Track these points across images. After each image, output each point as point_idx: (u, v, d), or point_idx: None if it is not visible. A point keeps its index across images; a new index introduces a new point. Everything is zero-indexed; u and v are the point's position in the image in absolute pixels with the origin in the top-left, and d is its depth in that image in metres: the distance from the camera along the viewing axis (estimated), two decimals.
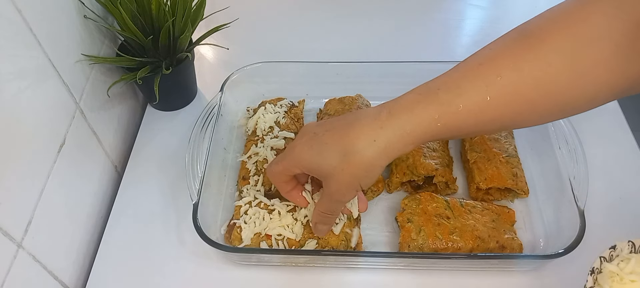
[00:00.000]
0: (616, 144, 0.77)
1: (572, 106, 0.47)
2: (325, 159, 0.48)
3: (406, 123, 0.46)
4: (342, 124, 0.49)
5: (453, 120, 0.46)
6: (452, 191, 0.71)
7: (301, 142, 0.51)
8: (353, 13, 1.02)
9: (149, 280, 0.65)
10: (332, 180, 0.50)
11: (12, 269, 0.52)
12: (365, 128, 0.47)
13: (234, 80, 0.79)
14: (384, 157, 0.47)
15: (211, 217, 0.67)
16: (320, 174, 0.51)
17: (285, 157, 0.53)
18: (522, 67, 0.45)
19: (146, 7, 0.70)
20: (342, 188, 0.50)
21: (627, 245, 0.49)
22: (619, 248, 0.49)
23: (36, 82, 0.58)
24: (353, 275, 0.65)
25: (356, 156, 0.47)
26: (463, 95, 0.45)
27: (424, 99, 0.46)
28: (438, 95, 0.46)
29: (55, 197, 0.61)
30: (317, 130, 0.50)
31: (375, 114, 0.48)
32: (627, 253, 0.49)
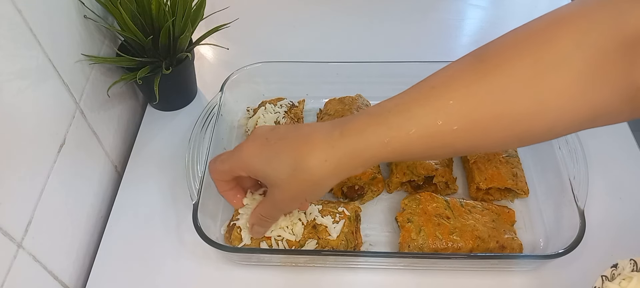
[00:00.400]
0: (616, 144, 0.77)
1: (529, 134, 0.44)
2: (274, 169, 0.48)
3: (356, 144, 0.46)
4: (295, 136, 0.49)
5: (403, 144, 0.45)
6: (452, 191, 0.71)
7: (252, 145, 0.50)
8: (353, 13, 1.02)
9: (149, 280, 0.65)
10: (277, 190, 0.50)
11: (12, 269, 0.52)
12: (317, 146, 0.47)
13: (234, 80, 0.79)
14: (332, 176, 0.48)
15: (211, 217, 0.67)
16: (266, 181, 0.51)
17: (232, 158, 0.52)
18: (476, 93, 0.43)
19: (146, 7, 0.70)
20: (286, 199, 0.51)
21: (629, 264, 0.48)
22: (620, 267, 0.48)
23: (36, 82, 0.58)
24: (353, 275, 0.65)
25: (306, 173, 0.47)
26: (413, 119, 0.44)
27: (375, 121, 0.46)
28: (388, 118, 0.45)
29: (55, 197, 0.61)
30: (269, 136, 0.50)
31: (328, 132, 0.47)
32: (629, 271, 0.48)
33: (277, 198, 0.51)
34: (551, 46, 0.41)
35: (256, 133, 0.51)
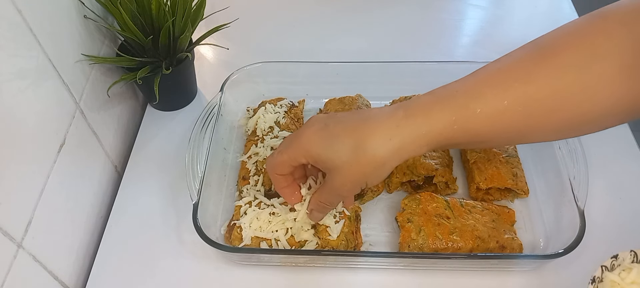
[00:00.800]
0: (616, 144, 0.77)
1: (579, 122, 0.47)
2: (336, 152, 0.47)
3: (422, 124, 0.46)
4: (355, 118, 0.48)
5: (470, 124, 0.45)
6: (452, 191, 0.71)
7: (310, 131, 0.49)
8: (353, 13, 1.02)
9: (149, 280, 0.65)
10: (338, 174, 0.49)
11: (12, 269, 0.52)
12: (381, 126, 0.46)
13: (234, 80, 0.79)
14: (396, 157, 0.47)
15: (211, 217, 0.67)
16: (327, 166, 0.49)
17: (291, 146, 0.51)
18: (536, 78, 0.45)
19: (146, 7, 0.70)
20: (347, 183, 0.49)
21: (630, 255, 0.49)
22: (621, 258, 0.49)
23: (36, 82, 0.58)
24: (353, 275, 0.65)
25: (368, 153, 0.46)
26: (481, 98, 0.45)
27: (441, 100, 0.46)
28: (456, 98, 0.46)
29: (55, 197, 0.61)
30: (327, 121, 0.49)
31: (391, 112, 0.47)
32: (629, 262, 0.49)
33: (337, 183, 0.50)
34: (596, 39, 0.45)
35: (313, 119, 0.50)
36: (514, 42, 0.52)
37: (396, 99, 0.79)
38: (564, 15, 0.99)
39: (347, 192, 0.52)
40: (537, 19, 1.00)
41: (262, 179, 0.69)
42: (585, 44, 0.45)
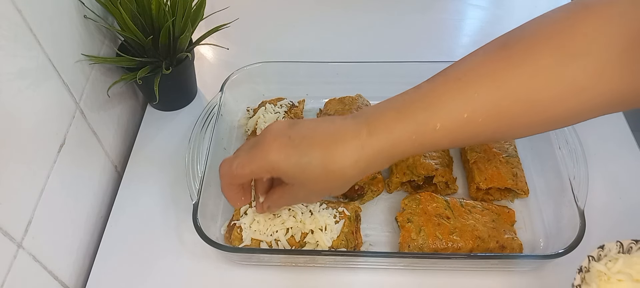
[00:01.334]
0: (616, 144, 0.77)
1: (554, 121, 0.46)
2: (304, 169, 0.47)
3: (385, 143, 0.46)
4: (321, 135, 0.47)
5: (429, 139, 0.45)
6: (452, 191, 0.71)
7: (276, 145, 0.48)
8: (353, 13, 1.02)
9: (149, 280, 0.65)
10: (304, 188, 0.50)
11: (12, 269, 0.52)
12: (347, 147, 0.46)
13: (234, 80, 0.79)
14: (361, 173, 0.48)
15: (211, 217, 0.67)
16: (293, 181, 0.50)
17: (254, 159, 0.49)
18: (503, 83, 0.43)
19: (146, 7, 0.70)
20: (312, 196, 0.52)
21: (616, 246, 0.49)
22: (607, 248, 0.50)
23: (36, 82, 0.58)
24: (353, 275, 0.65)
25: (337, 173, 0.47)
26: (439, 113, 0.45)
27: (402, 117, 0.46)
28: (415, 114, 0.46)
29: (55, 197, 0.61)
30: (291, 134, 0.48)
31: (355, 131, 0.47)
32: (615, 253, 0.50)
33: (302, 195, 0.51)
34: (574, 35, 0.42)
35: (275, 131, 0.49)
36: None
37: None
38: None
39: (309, 201, 0.54)
40: None
41: None
42: (561, 41, 0.42)
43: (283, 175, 0.49)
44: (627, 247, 0.49)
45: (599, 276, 0.48)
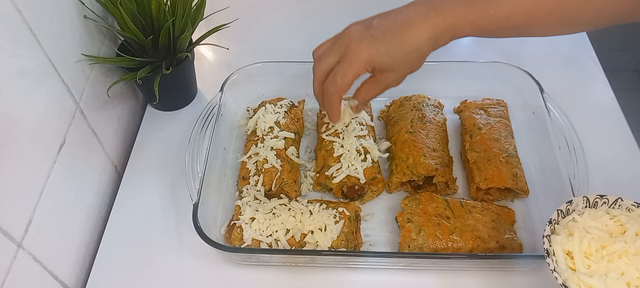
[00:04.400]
0: (616, 144, 0.77)
1: (578, 19, 0.55)
2: (392, 58, 0.57)
3: (449, 23, 0.55)
4: (395, 25, 0.57)
5: (485, 23, 0.55)
6: (452, 191, 0.71)
7: (364, 44, 0.57)
8: (353, 12, 1.01)
9: (149, 280, 0.65)
10: (392, 72, 0.58)
11: (12, 269, 0.52)
12: (421, 28, 0.56)
13: (234, 80, 0.79)
14: (432, 49, 0.57)
15: (211, 217, 0.67)
16: (382, 69, 0.58)
17: (352, 63, 0.58)
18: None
19: (146, 7, 0.70)
20: (399, 78, 0.60)
21: (582, 201, 0.55)
22: (575, 203, 0.55)
23: (36, 82, 0.58)
24: (353, 275, 0.65)
25: (416, 53, 0.57)
26: (496, 5, 0.54)
27: (464, 3, 0.55)
28: (477, 3, 0.55)
29: (55, 197, 0.61)
30: (371, 33, 0.58)
31: (424, 15, 0.56)
32: (582, 207, 0.55)
33: (390, 80, 0.60)
34: None
35: (356, 35, 0.58)
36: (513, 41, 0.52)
37: (396, 99, 0.79)
38: None
39: (395, 84, 0.60)
40: None
41: (262, 179, 0.69)
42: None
43: (377, 66, 0.58)
44: (593, 202, 0.55)
45: (566, 227, 0.53)
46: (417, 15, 0.57)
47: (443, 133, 0.75)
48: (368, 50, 0.57)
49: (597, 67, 0.89)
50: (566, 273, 0.50)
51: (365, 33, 0.58)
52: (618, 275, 0.49)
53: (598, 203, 0.55)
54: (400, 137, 0.73)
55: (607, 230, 0.52)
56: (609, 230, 0.52)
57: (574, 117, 0.70)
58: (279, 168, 0.70)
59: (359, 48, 0.57)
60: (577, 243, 0.51)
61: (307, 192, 0.73)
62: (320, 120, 0.78)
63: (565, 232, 0.52)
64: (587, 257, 0.51)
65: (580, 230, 0.52)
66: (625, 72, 2.01)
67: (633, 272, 0.49)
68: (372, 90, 0.62)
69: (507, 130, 0.74)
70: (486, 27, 0.56)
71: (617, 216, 0.53)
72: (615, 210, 0.54)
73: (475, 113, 0.76)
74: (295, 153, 0.74)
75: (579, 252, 0.51)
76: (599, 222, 0.53)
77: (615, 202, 0.54)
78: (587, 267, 0.50)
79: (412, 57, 0.57)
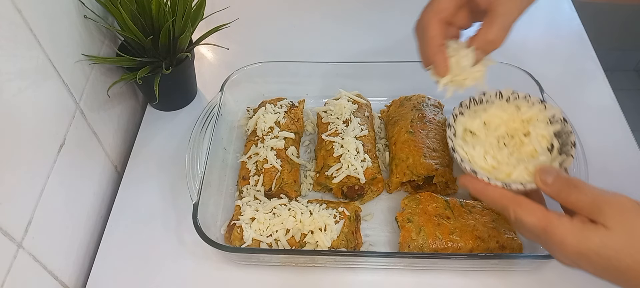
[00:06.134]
0: (616, 145, 0.77)
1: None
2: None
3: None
4: None
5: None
6: (452, 191, 0.71)
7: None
8: (353, 13, 1.02)
9: (149, 280, 0.65)
10: (502, 5, 0.52)
11: (12, 269, 0.52)
12: None
13: (234, 80, 0.79)
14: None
15: (211, 217, 0.67)
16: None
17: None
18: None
19: (146, 7, 0.70)
20: (513, 8, 0.53)
21: (495, 94, 0.59)
22: (488, 95, 0.59)
23: (36, 82, 0.58)
24: (353, 275, 0.65)
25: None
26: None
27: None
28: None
29: (55, 197, 0.61)
30: None
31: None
32: (494, 98, 0.59)
33: (502, 11, 0.53)
34: None
35: None
36: (513, 41, 0.52)
37: (396, 99, 0.79)
38: (564, 16, 0.99)
39: (512, 18, 0.53)
40: (537, 19, 0.99)
41: (262, 179, 0.69)
42: None
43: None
44: (506, 96, 0.59)
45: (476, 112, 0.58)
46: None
47: (443, 133, 0.75)
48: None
49: (597, 67, 0.89)
50: (455, 142, 0.56)
51: None
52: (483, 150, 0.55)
53: (510, 98, 0.59)
54: (400, 137, 0.73)
55: (509, 119, 0.58)
56: (511, 119, 0.58)
57: (574, 117, 0.70)
58: (279, 168, 0.70)
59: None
60: (469, 120, 0.58)
61: (307, 192, 0.73)
62: (320, 120, 0.78)
63: (470, 113, 0.58)
64: (473, 135, 0.57)
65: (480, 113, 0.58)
66: (625, 72, 2.01)
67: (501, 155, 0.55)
68: (486, 33, 0.54)
69: None
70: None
71: (520, 106, 0.58)
72: (521, 102, 0.58)
73: None
74: (295, 153, 0.74)
75: (464, 127, 0.57)
76: (505, 112, 0.58)
77: (525, 97, 0.59)
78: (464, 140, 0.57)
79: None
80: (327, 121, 0.76)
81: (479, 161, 0.55)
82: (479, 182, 0.51)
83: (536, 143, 0.56)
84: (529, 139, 0.56)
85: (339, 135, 0.72)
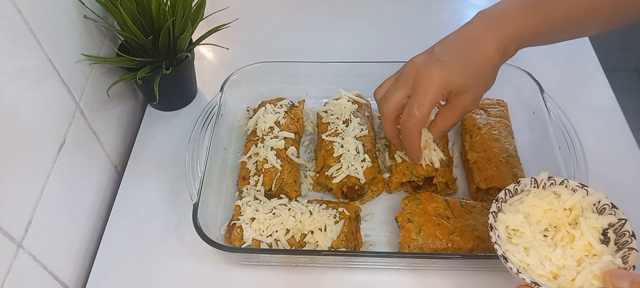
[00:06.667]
0: (616, 144, 0.77)
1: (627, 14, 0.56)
2: (466, 76, 0.56)
3: (514, 31, 0.55)
4: (460, 46, 0.56)
5: (547, 27, 0.56)
6: (452, 191, 0.71)
7: (435, 72, 0.55)
8: (353, 13, 1.02)
9: (149, 280, 0.65)
10: (468, 93, 0.57)
11: (12, 269, 0.52)
12: (488, 41, 0.55)
13: (234, 80, 0.79)
14: (502, 61, 0.57)
15: (211, 217, 0.67)
16: (459, 92, 0.57)
17: (427, 92, 0.56)
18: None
19: (146, 7, 0.70)
20: (477, 98, 0.59)
21: (530, 182, 0.56)
22: (523, 184, 0.57)
23: (36, 82, 0.58)
24: (353, 275, 0.65)
25: (488, 66, 0.56)
26: (555, 8, 0.55)
27: (525, 12, 0.55)
28: (536, 9, 0.55)
29: (55, 197, 0.61)
30: (438, 58, 0.56)
31: (486, 28, 0.56)
32: (529, 187, 0.56)
33: (468, 101, 0.58)
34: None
35: (423, 64, 0.57)
36: None
37: None
38: None
39: (474, 106, 0.59)
40: None
41: (262, 179, 0.69)
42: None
43: (453, 88, 0.56)
44: (541, 183, 0.56)
45: (512, 205, 0.55)
46: (479, 30, 0.56)
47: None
48: (440, 74, 0.55)
49: (597, 67, 0.89)
50: (506, 246, 0.52)
51: (430, 59, 0.57)
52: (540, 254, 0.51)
53: (546, 185, 0.56)
54: None
55: (550, 209, 0.54)
56: (552, 209, 0.54)
57: (574, 117, 0.70)
58: (279, 168, 0.70)
59: (430, 74, 0.56)
60: (510, 217, 0.54)
61: (307, 192, 0.73)
62: (320, 120, 0.78)
63: (511, 210, 0.55)
64: (516, 232, 0.53)
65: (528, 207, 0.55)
66: (625, 72, 2.01)
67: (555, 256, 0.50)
68: (449, 117, 0.60)
69: (507, 130, 0.74)
70: (548, 31, 0.56)
71: (559, 193, 0.55)
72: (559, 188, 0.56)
73: (475, 113, 0.76)
74: (295, 153, 0.74)
75: (506, 225, 0.54)
76: (544, 201, 0.54)
77: (562, 182, 0.56)
78: (508, 239, 0.53)
79: (486, 71, 0.56)
80: (327, 121, 0.76)
81: (537, 269, 0.50)
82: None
83: (590, 236, 0.51)
84: (578, 231, 0.52)
85: (339, 135, 0.72)
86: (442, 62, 0.55)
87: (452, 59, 0.55)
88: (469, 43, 0.56)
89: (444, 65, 0.55)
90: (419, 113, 0.56)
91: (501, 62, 0.57)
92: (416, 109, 0.57)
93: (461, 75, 0.55)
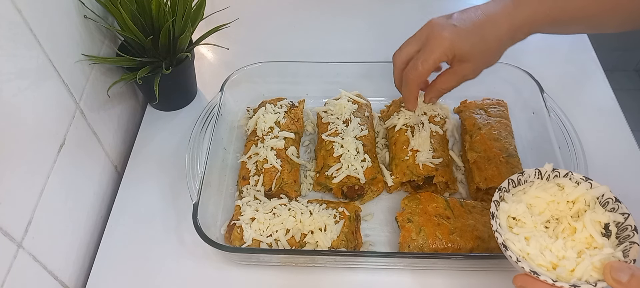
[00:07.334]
0: (616, 144, 0.77)
1: None
2: (473, 46, 0.59)
3: (527, 15, 0.58)
4: (476, 17, 0.59)
5: (561, 15, 0.57)
6: (452, 191, 0.71)
7: (446, 33, 0.59)
8: (353, 13, 1.02)
9: (149, 280, 0.65)
10: (470, 63, 0.60)
11: (12, 269, 0.52)
12: (502, 20, 0.58)
13: (234, 80, 0.79)
14: (510, 43, 0.60)
15: (211, 217, 0.67)
16: (463, 58, 0.60)
17: (434, 50, 0.59)
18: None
19: (146, 7, 0.70)
20: (477, 70, 0.61)
21: (534, 172, 0.56)
22: (526, 174, 0.56)
23: (36, 82, 0.58)
24: (353, 275, 0.65)
25: (496, 44, 0.59)
26: None
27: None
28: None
29: (55, 197, 0.61)
30: (454, 23, 0.60)
31: (503, 7, 0.58)
32: (533, 178, 0.56)
33: (468, 71, 0.61)
34: None
35: (439, 25, 0.60)
36: None
37: (396, 99, 0.79)
38: None
39: (472, 76, 0.62)
40: None
41: (262, 179, 0.69)
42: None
43: (458, 53, 0.59)
44: (545, 175, 0.56)
45: (514, 194, 0.55)
46: (497, 8, 0.59)
47: (443, 133, 0.75)
48: (450, 36, 0.58)
49: (597, 67, 0.89)
50: (504, 236, 0.52)
51: (446, 22, 0.60)
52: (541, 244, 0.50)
53: (550, 176, 0.56)
54: (400, 137, 0.73)
55: (553, 201, 0.54)
56: (555, 201, 0.54)
57: (574, 117, 0.71)
58: (279, 168, 0.70)
59: (441, 34, 0.59)
60: (512, 206, 0.53)
61: (307, 192, 0.73)
62: (320, 120, 0.78)
63: (513, 199, 0.55)
64: (518, 221, 0.53)
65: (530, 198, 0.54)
66: (625, 72, 2.01)
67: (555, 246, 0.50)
68: (448, 81, 0.63)
69: (507, 130, 0.74)
70: (562, 20, 0.58)
71: (563, 185, 0.54)
72: (563, 180, 0.55)
73: (475, 113, 0.76)
74: (295, 153, 0.74)
75: (508, 215, 0.53)
76: (548, 193, 0.54)
77: (566, 174, 0.55)
78: (510, 228, 0.53)
79: (492, 47, 0.59)
80: (327, 121, 0.76)
81: (537, 258, 0.50)
82: (541, 284, 0.47)
83: (592, 229, 0.50)
84: (580, 223, 0.51)
85: (339, 135, 0.72)
86: (455, 27, 0.59)
87: (465, 26, 0.59)
88: (484, 16, 0.59)
89: (456, 30, 0.59)
90: (422, 67, 0.60)
91: (510, 43, 0.59)
92: (420, 63, 0.60)
93: (468, 43, 0.58)
